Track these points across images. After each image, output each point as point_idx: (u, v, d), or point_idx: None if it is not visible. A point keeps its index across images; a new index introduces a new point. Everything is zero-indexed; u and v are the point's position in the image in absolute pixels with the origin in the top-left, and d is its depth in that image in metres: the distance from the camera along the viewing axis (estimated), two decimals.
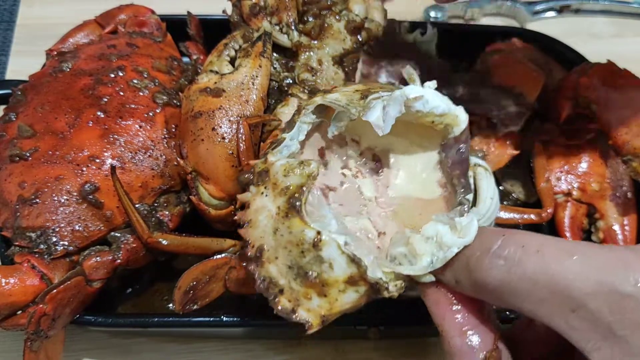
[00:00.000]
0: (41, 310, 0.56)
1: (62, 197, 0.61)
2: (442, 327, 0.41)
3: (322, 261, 0.42)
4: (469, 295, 0.40)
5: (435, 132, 0.49)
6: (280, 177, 0.45)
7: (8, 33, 1.04)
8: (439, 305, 0.42)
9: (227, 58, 0.67)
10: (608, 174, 0.74)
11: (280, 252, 0.44)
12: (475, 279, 0.38)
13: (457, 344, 0.40)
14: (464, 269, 0.39)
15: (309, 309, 0.43)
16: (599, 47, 1.02)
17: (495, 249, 0.37)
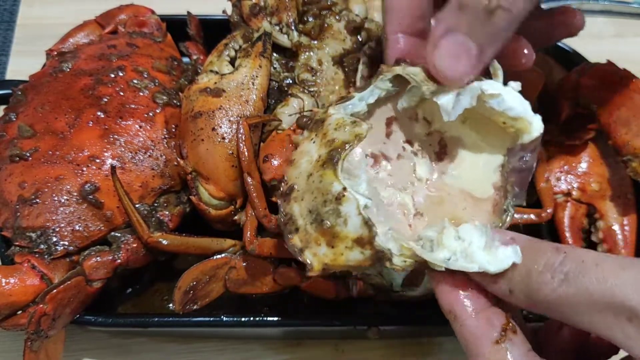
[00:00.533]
0: (41, 310, 0.56)
1: (62, 197, 0.62)
2: (454, 312, 0.42)
3: (339, 215, 0.44)
4: (520, 306, 0.41)
5: (507, 134, 0.49)
6: (331, 129, 0.46)
7: (8, 33, 1.04)
8: (449, 292, 0.43)
9: (227, 58, 0.67)
10: (608, 174, 0.74)
11: (307, 195, 0.46)
12: (532, 292, 0.39)
13: (471, 325, 0.41)
14: (522, 281, 0.40)
15: (315, 254, 0.45)
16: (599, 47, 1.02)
17: (557, 265, 0.39)
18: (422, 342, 0.72)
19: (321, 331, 0.68)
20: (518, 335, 0.41)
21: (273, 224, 0.58)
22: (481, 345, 0.40)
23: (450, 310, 0.43)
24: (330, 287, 0.62)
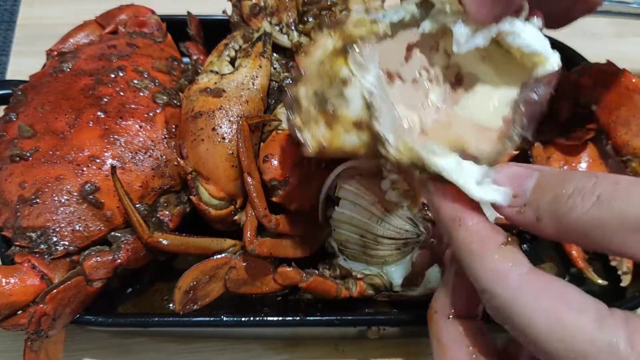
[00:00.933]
0: (41, 310, 0.56)
1: (63, 197, 0.62)
2: (461, 217, 0.41)
3: (343, 97, 0.45)
4: (548, 232, 0.40)
5: (524, 69, 0.48)
6: (349, 26, 0.47)
7: (8, 33, 1.04)
8: (457, 199, 0.42)
9: (227, 58, 0.67)
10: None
11: (315, 79, 0.47)
12: (562, 217, 0.38)
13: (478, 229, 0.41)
14: (550, 207, 0.39)
15: (313, 134, 0.47)
16: (598, 47, 1.03)
17: (589, 188, 0.38)
18: (422, 342, 0.72)
19: (321, 331, 0.68)
20: (520, 248, 0.40)
21: (273, 223, 0.58)
22: (488, 247, 0.39)
23: (455, 217, 0.41)
24: (331, 287, 0.63)
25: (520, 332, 0.37)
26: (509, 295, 0.37)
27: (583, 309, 0.36)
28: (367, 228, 0.58)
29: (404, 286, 0.63)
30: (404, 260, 0.61)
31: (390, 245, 0.59)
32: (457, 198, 0.42)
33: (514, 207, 0.41)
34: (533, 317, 0.36)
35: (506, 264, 0.38)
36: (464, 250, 0.40)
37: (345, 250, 0.62)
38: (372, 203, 0.58)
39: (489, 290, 0.38)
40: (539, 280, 0.37)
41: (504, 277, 0.38)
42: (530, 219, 0.40)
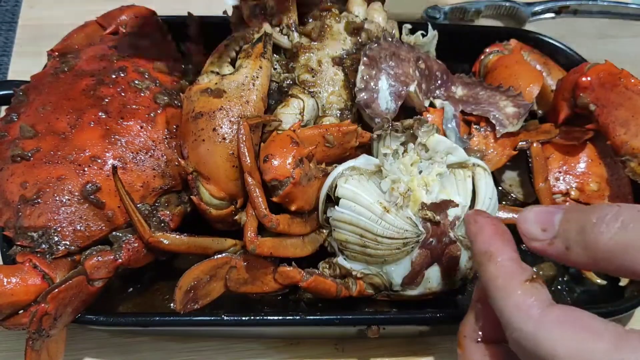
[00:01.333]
0: (43, 309, 0.56)
1: (64, 197, 0.62)
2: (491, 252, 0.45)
3: None
4: (578, 260, 0.42)
5: None
6: None
7: (10, 34, 1.05)
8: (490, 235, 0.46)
9: (228, 59, 0.68)
10: (606, 174, 0.75)
11: None
12: (590, 244, 0.41)
13: (506, 265, 0.44)
14: (577, 236, 0.42)
15: None
16: (597, 48, 1.03)
17: (612, 215, 0.41)
18: (422, 341, 0.72)
19: (321, 330, 0.68)
20: (544, 285, 0.43)
21: (273, 223, 0.58)
22: (513, 283, 0.42)
23: (486, 251, 0.45)
24: (331, 286, 0.63)
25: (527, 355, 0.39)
26: (530, 329, 0.40)
27: (600, 332, 0.37)
28: (366, 228, 0.59)
29: (403, 286, 0.63)
30: (403, 260, 0.61)
31: (390, 245, 0.59)
32: (493, 233, 0.46)
33: (544, 240, 0.44)
34: (555, 346, 0.38)
35: (528, 299, 0.41)
36: (491, 283, 0.43)
37: (345, 250, 0.62)
38: (371, 203, 0.58)
39: (512, 323, 0.41)
40: (558, 311, 0.40)
41: (525, 311, 0.40)
42: (561, 249, 0.43)
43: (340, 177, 0.60)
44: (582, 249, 0.42)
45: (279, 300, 0.69)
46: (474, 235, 0.47)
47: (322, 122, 0.68)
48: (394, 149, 0.61)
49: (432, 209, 0.59)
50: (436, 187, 0.60)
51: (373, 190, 0.59)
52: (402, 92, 0.69)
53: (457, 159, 0.62)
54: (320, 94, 0.69)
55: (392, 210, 0.58)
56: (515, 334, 0.41)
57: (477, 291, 0.50)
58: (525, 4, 1.05)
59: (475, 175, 0.63)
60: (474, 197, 0.62)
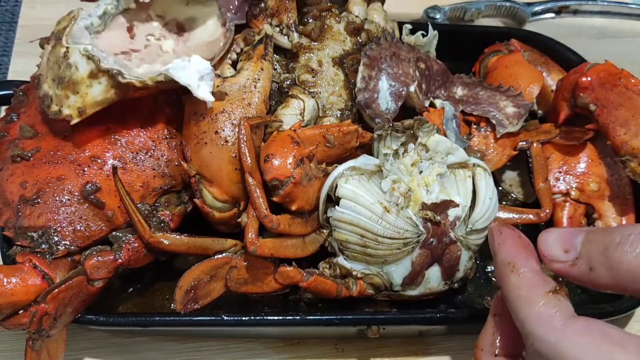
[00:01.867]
0: (43, 309, 0.56)
1: (64, 197, 0.62)
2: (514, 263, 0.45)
3: (70, 66, 0.59)
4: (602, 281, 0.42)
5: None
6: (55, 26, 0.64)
7: (10, 34, 1.05)
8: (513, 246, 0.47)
9: (229, 61, 0.68)
10: (606, 174, 0.75)
11: (49, 72, 0.61)
12: (613, 264, 0.41)
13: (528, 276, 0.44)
14: (601, 256, 0.42)
15: (69, 106, 0.60)
16: (597, 48, 1.03)
17: (636, 234, 0.41)
18: (422, 341, 0.72)
19: (321, 330, 0.68)
20: (567, 298, 0.43)
21: (274, 224, 0.58)
22: (536, 293, 0.42)
23: (510, 262, 0.45)
24: (331, 286, 0.63)
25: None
26: (552, 339, 0.40)
27: (624, 343, 0.38)
28: (367, 228, 0.59)
29: (404, 286, 0.63)
30: (404, 260, 0.61)
31: (390, 245, 0.59)
32: (516, 245, 0.46)
33: (566, 262, 0.44)
34: (578, 357, 0.38)
35: (551, 310, 0.41)
36: (513, 294, 0.44)
37: (346, 250, 0.62)
38: (372, 203, 0.58)
39: (534, 333, 0.41)
40: (581, 322, 0.40)
41: (547, 321, 0.41)
42: (584, 270, 0.43)
43: (340, 177, 0.60)
44: (606, 269, 0.41)
45: (279, 300, 0.69)
46: (497, 246, 0.47)
47: (323, 122, 0.68)
48: (394, 149, 0.61)
49: (432, 209, 0.59)
50: (436, 187, 0.60)
51: (373, 190, 0.59)
52: (402, 92, 0.69)
53: (458, 159, 0.62)
54: (321, 94, 0.69)
55: (393, 211, 0.58)
56: (536, 344, 0.41)
57: (495, 304, 0.50)
58: (525, 4, 1.05)
59: (475, 175, 0.63)
60: (474, 197, 0.62)
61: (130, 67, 0.61)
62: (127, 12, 0.68)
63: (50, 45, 0.63)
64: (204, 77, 0.61)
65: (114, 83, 0.59)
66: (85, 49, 0.59)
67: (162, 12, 0.69)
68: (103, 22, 0.65)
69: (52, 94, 0.60)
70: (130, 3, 0.66)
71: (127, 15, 0.68)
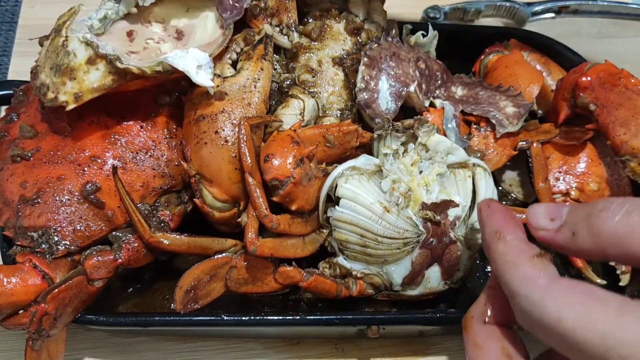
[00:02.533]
0: (43, 309, 0.56)
1: (64, 197, 0.62)
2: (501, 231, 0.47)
3: (68, 53, 0.59)
4: (584, 246, 0.44)
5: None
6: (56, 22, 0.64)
7: (10, 33, 1.05)
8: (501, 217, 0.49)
9: (229, 61, 0.68)
10: (606, 174, 0.75)
11: (47, 62, 0.61)
12: (596, 227, 0.43)
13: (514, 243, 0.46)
14: (584, 221, 0.44)
15: (65, 92, 0.59)
16: (597, 48, 1.03)
17: (617, 204, 0.42)
18: (422, 341, 0.72)
19: (321, 330, 0.68)
20: (551, 262, 0.44)
21: (274, 223, 0.58)
22: (521, 258, 0.44)
23: (496, 231, 0.47)
24: (331, 286, 0.63)
25: (550, 330, 0.40)
26: (537, 296, 0.41)
27: (606, 300, 0.39)
28: (367, 228, 0.59)
29: (403, 285, 0.63)
30: (404, 260, 0.61)
31: (390, 244, 0.59)
32: (503, 216, 0.48)
33: (551, 229, 0.46)
34: (562, 311, 0.39)
35: (536, 271, 0.43)
36: (501, 261, 0.45)
37: (346, 250, 0.62)
38: (372, 203, 0.58)
39: (519, 292, 0.42)
40: (565, 281, 0.41)
41: (533, 280, 0.42)
42: (567, 235, 0.45)
43: (340, 177, 0.60)
44: (587, 233, 0.43)
45: (279, 300, 0.69)
46: (485, 218, 0.49)
47: (323, 122, 0.68)
48: (394, 149, 0.61)
49: (432, 209, 0.59)
50: (436, 187, 0.60)
51: (373, 190, 0.60)
52: (403, 92, 0.69)
53: (457, 159, 0.62)
54: (321, 94, 0.69)
55: (393, 210, 0.58)
56: (522, 302, 0.42)
57: (491, 278, 0.52)
58: (525, 4, 1.05)
59: (475, 175, 0.63)
60: (474, 197, 0.62)
61: (129, 59, 0.62)
62: (128, 17, 0.68)
63: (49, 38, 0.63)
64: (203, 66, 0.61)
65: (111, 69, 0.59)
66: (84, 36, 0.60)
67: (163, 18, 0.70)
68: (103, 25, 0.66)
69: (49, 82, 0.60)
70: (131, 8, 0.67)
71: (127, 21, 0.68)
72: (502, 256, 0.45)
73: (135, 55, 0.64)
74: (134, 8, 0.67)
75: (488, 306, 0.50)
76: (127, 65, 0.59)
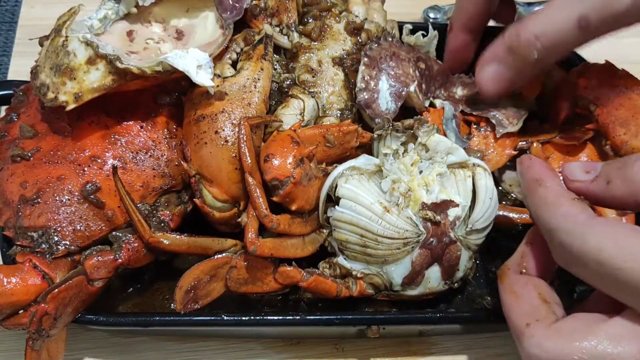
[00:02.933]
0: (43, 309, 0.56)
1: (64, 197, 0.62)
2: (541, 179, 0.51)
3: (68, 53, 0.60)
4: (618, 193, 0.47)
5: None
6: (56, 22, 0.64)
7: (10, 34, 1.05)
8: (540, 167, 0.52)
9: (229, 61, 0.68)
10: None
11: (47, 62, 0.62)
12: (629, 174, 0.46)
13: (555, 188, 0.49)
14: (619, 171, 0.47)
15: (65, 92, 0.60)
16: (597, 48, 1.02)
17: None
18: (422, 341, 0.72)
19: (321, 330, 0.68)
20: (589, 205, 0.47)
21: (274, 223, 0.58)
22: (562, 199, 0.47)
23: (537, 179, 0.51)
24: (331, 286, 0.63)
25: (589, 261, 0.42)
26: (578, 229, 0.44)
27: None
28: (367, 228, 0.59)
29: (403, 285, 0.63)
30: (404, 260, 0.61)
31: (390, 244, 0.59)
32: (543, 167, 0.52)
33: (586, 180, 0.49)
34: (602, 240, 0.42)
35: (577, 210, 0.46)
36: (541, 203, 0.49)
37: (346, 250, 0.62)
38: (372, 203, 0.58)
39: (560, 227, 0.45)
40: (605, 218, 0.45)
41: (574, 216, 0.45)
42: (602, 184, 0.48)
43: (340, 177, 0.60)
44: (622, 180, 0.45)
45: (279, 300, 0.69)
46: (525, 168, 0.53)
47: (323, 122, 0.68)
48: (394, 149, 0.61)
49: (432, 209, 0.60)
50: (436, 187, 0.60)
51: (373, 190, 0.60)
52: (403, 92, 0.69)
53: (457, 159, 0.62)
54: (321, 94, 0.69)
55: (393, 210, 0.58)
56: (562, 236, 0.45)
57: (528, 235, 0.55)
58: (526, 4, 1.05)
59: (475, 175, 0.63)
60: (474, 197, 0.62)
61: (129, 59, 0.62)
62: (128, 17, 0.68)
63: (50, 38, 0.63)
64: (203, 66, 0.62)
65: (111, 69, 0.60)
66: (84, 36, 0.60)
67: (163, 18, 0.70)
68: (103, 25, 0.66)
69: (49, 82, 0.61)
70: (131, 8, 0.67)
71: (127, 21, 0.68)
72: (542, 199, 0.48)
73: (135, 55, 0.65)
74: (133, 8, 0.67)
75: (524, 259, 0.53)
76: (127, 65, 0.59)
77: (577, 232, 0.44)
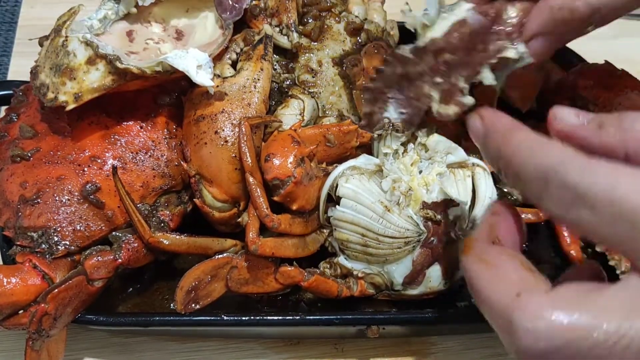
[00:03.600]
0: (43, 309, 0.56)
1: (64, 197, 0.62)
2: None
3: (68, 53, 0.60)
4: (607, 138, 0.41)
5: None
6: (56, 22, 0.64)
7: (9, 34, 1.05)
8: None
9: (229, 61, 0.68)
10: None
11: (47, 62, 0.62)
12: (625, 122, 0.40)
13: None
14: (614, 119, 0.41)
15: (65, 92, 0.60)
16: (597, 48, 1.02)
17: None
18: (422, 341, 0.72)
19: (321, 330, 0.68)
20: None
21: (275, 223, 0.58)
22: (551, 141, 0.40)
23: (510, 127, 0.44)
24: (332, 286, 0.63)
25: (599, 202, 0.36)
26: (585, 164, 0.37)
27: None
28: (368, 227, 0.59)
29: (404, 285, 0.63)
30: (405, 259, 0.61)
31: (391, 244, 0.59)
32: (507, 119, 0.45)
33: (575, 124, 0.42)
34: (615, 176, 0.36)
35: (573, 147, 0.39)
36: (529, 145, 0.41)
37: (346, 250, 0.62)
38: (373, 202, 0.58)
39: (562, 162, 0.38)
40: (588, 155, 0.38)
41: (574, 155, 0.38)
42: (592, 128, 0.41)
43: (341, 177, 0.60)
44: (616, 128, 0.40)
45: (279, 300, 0.69)
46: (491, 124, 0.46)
47: (323, 122, 0.68)
48: (394, 149, 0.61)
49: (432, 208, 0.60)
50: (436, 186, 0.60)
51: (374, 190, 0.60)
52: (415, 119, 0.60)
53: (457, 159, 0.62)
54: (321, 94, 0.69)
55: (394, 210, 0.58)
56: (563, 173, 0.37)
57: (494, 206, 0.48)
58: None
59: (474, 175, 0.63)
60: (474, 197, 0.62)
61: (129, 59, 0.62)
62: (127, 17, 0.68)
63: (49, 38, 0.64)
64: (203, 66, 0.61)
65: (111, 69, 0.60)
66: (84, 36, 0.60)
67: (162, 18, 0.70)
68: (103, 25, 0.66)
69: (48, 82, 0.61)
70: (131, 8, 0.67)
71: (127, 21, 0.68)
72: (528, 140, 0.41)
73: (135, 56, 0.65)
74: (133, 8, 0.67)
75: (495, 229, 0.45)
76: (127, 66, 0.59)
77: (583, 166, 0.37)
